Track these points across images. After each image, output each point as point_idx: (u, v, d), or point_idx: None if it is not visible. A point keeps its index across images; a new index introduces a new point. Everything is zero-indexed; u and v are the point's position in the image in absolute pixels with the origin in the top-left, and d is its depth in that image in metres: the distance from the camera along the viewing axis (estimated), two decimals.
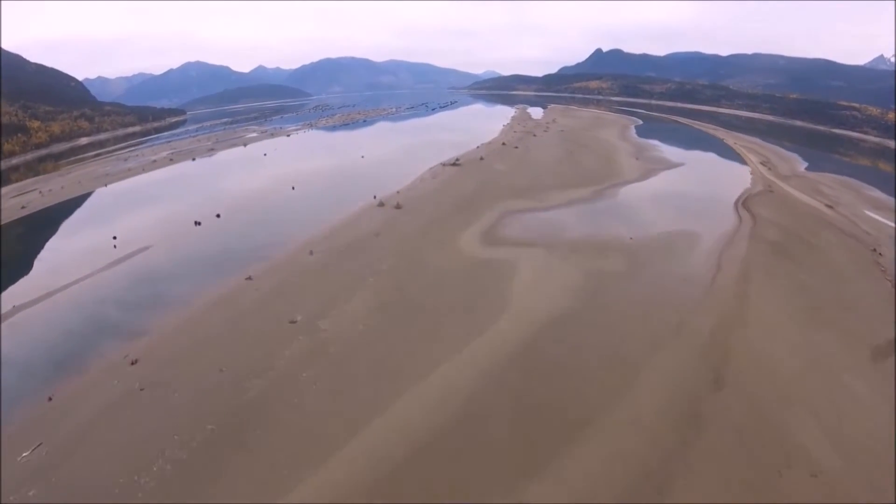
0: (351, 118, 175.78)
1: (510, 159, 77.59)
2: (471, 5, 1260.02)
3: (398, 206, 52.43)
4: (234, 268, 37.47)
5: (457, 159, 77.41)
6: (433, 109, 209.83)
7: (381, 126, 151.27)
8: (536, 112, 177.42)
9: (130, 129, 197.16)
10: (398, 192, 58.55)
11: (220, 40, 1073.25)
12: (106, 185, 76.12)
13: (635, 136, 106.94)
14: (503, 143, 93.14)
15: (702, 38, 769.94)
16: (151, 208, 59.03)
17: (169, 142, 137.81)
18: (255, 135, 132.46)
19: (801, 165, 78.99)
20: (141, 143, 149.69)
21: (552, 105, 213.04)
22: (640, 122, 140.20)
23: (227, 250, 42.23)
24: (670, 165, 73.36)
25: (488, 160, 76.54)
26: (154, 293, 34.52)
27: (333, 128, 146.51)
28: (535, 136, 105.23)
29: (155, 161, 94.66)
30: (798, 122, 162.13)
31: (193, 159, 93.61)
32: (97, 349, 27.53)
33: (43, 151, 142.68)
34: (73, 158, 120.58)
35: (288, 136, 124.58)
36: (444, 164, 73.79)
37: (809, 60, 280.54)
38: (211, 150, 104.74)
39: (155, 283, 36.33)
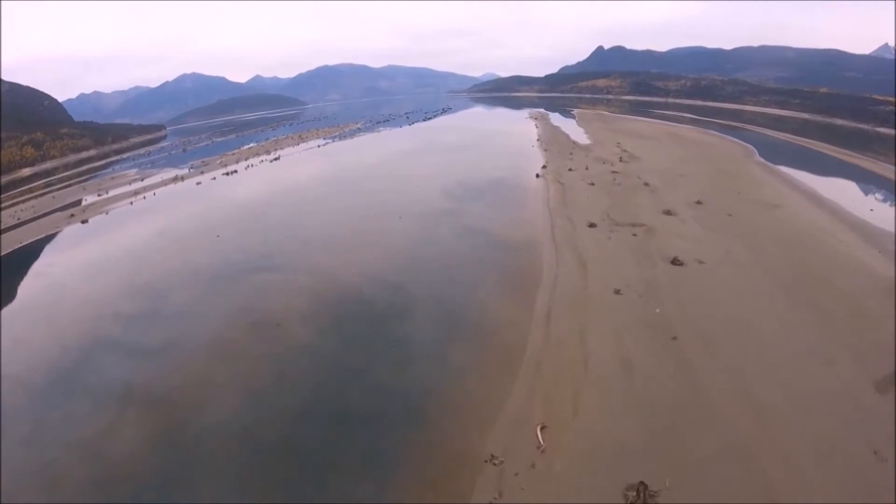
0: (280, 144, 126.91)
1: None
2: (468, 4, 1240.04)
3: None
4: None
5: None
6: (412, 123, 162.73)
7: (302, 165, 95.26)
8: (567, 125, 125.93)
9: (84, 154, 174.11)
10: None
11: (217, 51, 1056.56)
12: None
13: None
14: None
15: (701, 32, 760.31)
16: None
17: (84, 182, 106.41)
18: (108, 195, 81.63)
19: None
20: (80, 176, 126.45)
21: (575, 110, 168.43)
22: (751, 147, 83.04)
23: None
24: None
25: None
26: None
27: (228, 175, 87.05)
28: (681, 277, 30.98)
29: None
30: (838, 121, 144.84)
31: None
32: None
33: None
34: None
35: (131, 203, 71.36)
36: None
37: (820, 52, 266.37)
38: None
39: None
